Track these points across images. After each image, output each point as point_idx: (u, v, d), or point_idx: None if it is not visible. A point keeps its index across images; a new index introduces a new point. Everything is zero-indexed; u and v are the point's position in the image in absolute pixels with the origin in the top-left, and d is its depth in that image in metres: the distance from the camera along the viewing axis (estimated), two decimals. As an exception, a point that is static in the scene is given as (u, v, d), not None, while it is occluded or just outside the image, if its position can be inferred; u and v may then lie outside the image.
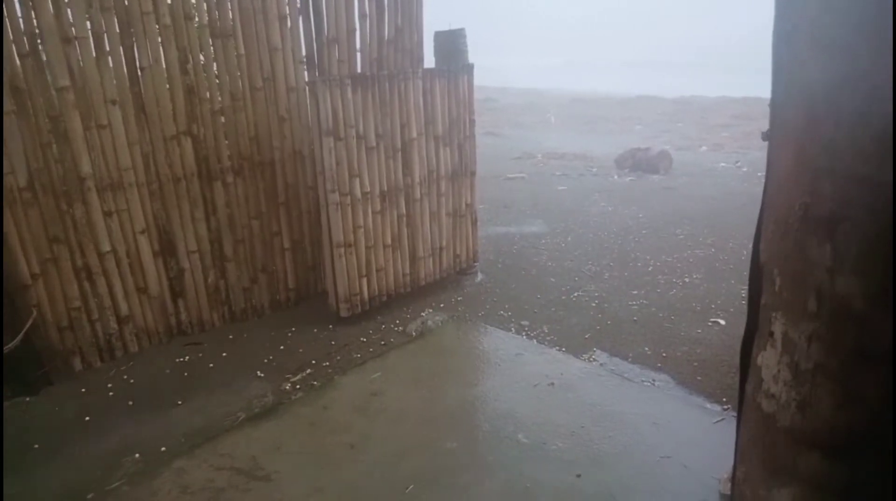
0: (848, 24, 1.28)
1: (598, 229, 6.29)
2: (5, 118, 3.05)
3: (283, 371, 3.55)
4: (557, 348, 3.76)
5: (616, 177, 9.19)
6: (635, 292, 4.64)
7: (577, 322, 4.12)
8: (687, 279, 4.86)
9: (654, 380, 3.35)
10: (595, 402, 3.14)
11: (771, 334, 1.49)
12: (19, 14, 3.02)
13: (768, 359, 1.50)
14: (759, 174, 8.98)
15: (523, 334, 3.96)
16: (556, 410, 3.08)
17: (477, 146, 4.92)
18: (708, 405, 3.11)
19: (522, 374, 3.43)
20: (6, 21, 2.97)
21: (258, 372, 3.55)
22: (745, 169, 9.52)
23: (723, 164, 10.04)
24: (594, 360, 3.59)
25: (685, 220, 6.52)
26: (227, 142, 3.86)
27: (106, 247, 3.53)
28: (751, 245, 1.77)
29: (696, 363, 3.51)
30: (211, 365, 3.65)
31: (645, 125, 14.71)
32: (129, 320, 3.71)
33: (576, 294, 4.63)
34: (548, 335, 3.94)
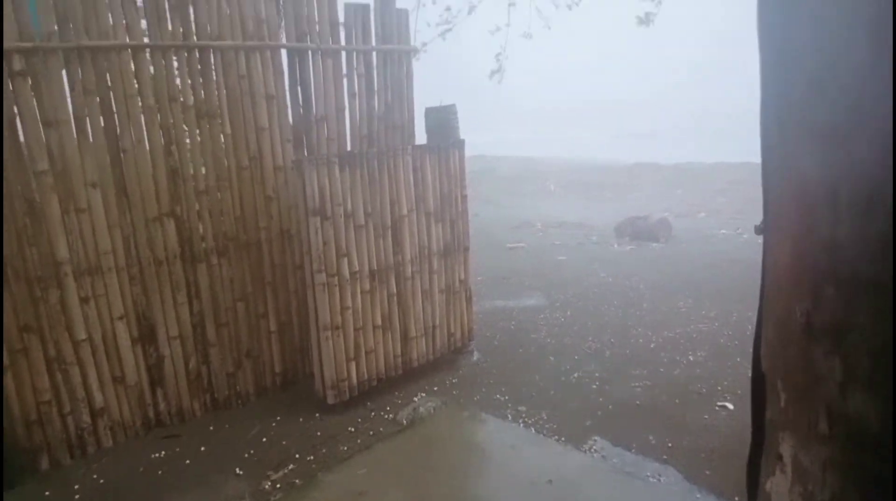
0: (841, 110, 1.17)
1: (599, 302, 6.13)
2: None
3: (263, 467, 3.32)
4: (556, 437, 3.53)
5: (616, 246, 9.10)
6: (637, 371, 4.44)
7: (576, 407, 3.90)
8: (691, 357, 4.66)
9: (659, 475, 3.11)
10: (596, 501, 2.90)
11: (780, 457, 1.31)
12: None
13: (778, 486, 1.32)
14: (760, 242, 8.84)
15: (520, 421, 3.74)
16: (553, 510, 2.84)
17: (477, 215, 4.87)
18: (719, 504, 2.87)
19: (519, 469, 3.20)
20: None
21: (237, 469, 3.32)
22: (745, 236, 9.42)
23: (723, 231, 9.96)
24: (595, 451, 3.36)
25: (687, 291, 6.37)
26: (211, 222, 3.77)
27: (81, 335, 3.38)
28: (755, 318, 1.63)
29: (703, 455, 3.27)
30: (187, 462, 3.42)
31: (643, 193, 14.77)
32: (103, 412, 3.51)
33: (576, 375, 4.42)
34: (546, 422, 3.72)
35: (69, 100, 3.19)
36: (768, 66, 1.26)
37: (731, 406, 3.83)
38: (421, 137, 4.66)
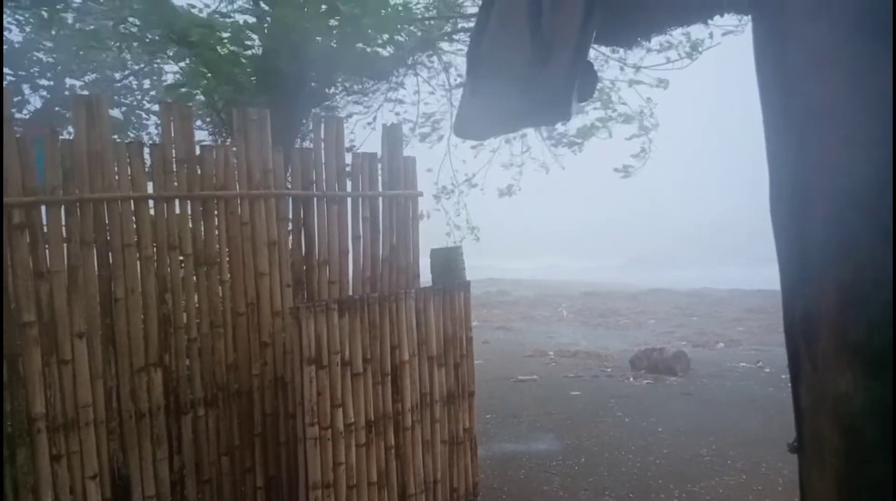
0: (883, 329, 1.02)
1: (615, 448, 5.73)
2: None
3: None
4: None
5: (632, 379, 8.74)
6: (660, 536, 4.02)
7: (592, 584, 3.48)
8: (719, 519, 4.24)
9: None
10: None
11: None
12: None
13: None
14: (783, 376, 8.47)
15: None
16: None
17: (487, 342, 4.66)
18: None
19: None
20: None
21: None
22: (767, 370, 9.05)
23: (743, 364, 9.59)
24: None
25: (709, 435, 5.96)
26: (201, 371, 3.61)
27: (48, 498, 3.12)
28: (786, 472, 1.39)
29: None
30: None
31: (658, 320, 14.49)
32: (61, 586, 3.17)
33: (591, 540, 4.01)
34: None
35: (65, 250, 3.16)
36: (787, 269, 1.13)
37: (767, 588, 3.39)
38: (426, 278, 4.59)
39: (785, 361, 1.29)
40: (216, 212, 3.65)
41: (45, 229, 3.11)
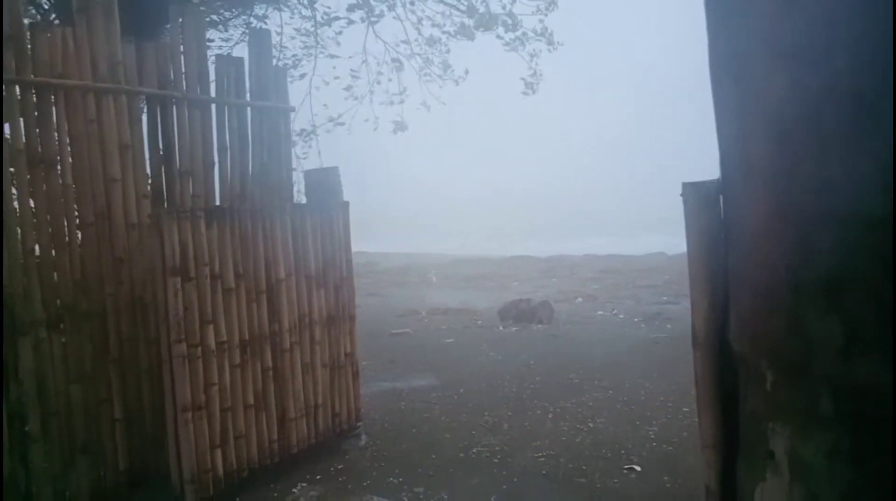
0: (817, 27, 1.02)
1: (491, 379, 5.86)
2: None
3: None
4: (461, 518, 3.10)
5: (501, 327, 9.02)
6: (538, 442, 4.15)
7: (479, 483, 3.51)
8: (591, 424, 4.46)
9: (580, 547, 2.76)
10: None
11: (770, 455, 1.05)
12: None
13: (772, 491, 1.05)
14: (636, 320, 9.21)
15: (418, 504, 3.28)
16: None
17: (359, 306, 4.50)
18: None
19: (421, 557, 2.72)
20: None
21: None
22: (621, 316, 9.75)
23: (600, 312, 10.25)
24: (506, 528, 2.96)
25: (577, 364, 6.28)
26: (42, 288, 3.13)
27: None
28: (647, 385, 1.41)
29: (622, 520, 2.98)
30: None
31: (521, 282, 15.10)
32: None
33: (475, 450, 4.05)
34: (448, 502, 3.28)
35: None
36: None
37: (638, 468, 3.61)
38: (300, 201, 4.34)
39: (637, 310, 1.30)
40: (54, 104, 3.16)
41: None
